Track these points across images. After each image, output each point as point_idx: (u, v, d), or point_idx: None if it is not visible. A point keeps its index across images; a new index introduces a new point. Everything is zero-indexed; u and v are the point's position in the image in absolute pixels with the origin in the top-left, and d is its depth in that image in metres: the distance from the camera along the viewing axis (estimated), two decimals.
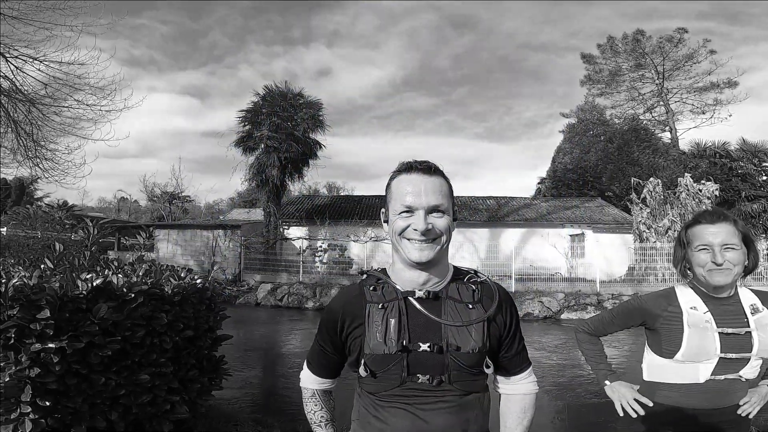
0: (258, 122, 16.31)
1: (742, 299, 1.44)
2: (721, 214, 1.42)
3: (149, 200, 31.41)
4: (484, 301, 1.06)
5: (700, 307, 1.42)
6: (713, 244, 1.37)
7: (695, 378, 1.41)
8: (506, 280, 14.37)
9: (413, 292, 1.03)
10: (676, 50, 27.22)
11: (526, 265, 17.08)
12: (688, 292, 1.47)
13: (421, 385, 1.01)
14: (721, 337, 1.38)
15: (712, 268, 1.37)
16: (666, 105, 27.81)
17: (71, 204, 27.32)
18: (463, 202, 20.84)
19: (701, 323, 1.40)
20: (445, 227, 1.02)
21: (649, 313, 1.50)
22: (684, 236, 1.48)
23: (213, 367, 3.19)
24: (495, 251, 17.10)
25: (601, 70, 29.59)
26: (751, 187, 17.58)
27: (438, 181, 1.03)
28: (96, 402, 2.20)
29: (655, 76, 28.23)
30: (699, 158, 18.84)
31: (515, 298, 13.53)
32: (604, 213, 18.80)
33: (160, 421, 2.59)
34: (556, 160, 23.96)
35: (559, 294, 13.20)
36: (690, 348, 1.40)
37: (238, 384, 4.95)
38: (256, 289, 13.86)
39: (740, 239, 1.38)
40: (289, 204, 20.39)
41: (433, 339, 1.00)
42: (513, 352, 1.12)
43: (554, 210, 19.44)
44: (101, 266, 2.92)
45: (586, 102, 28.30)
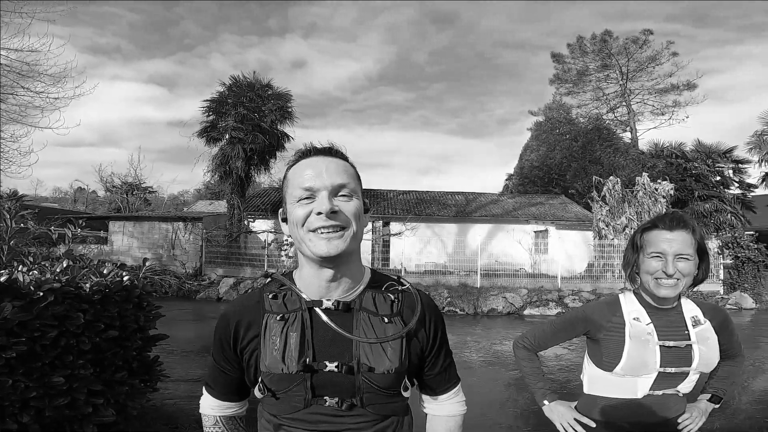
0: (223, 112, 15.88)
1: (684, 311, 1.38)
2: (680, 221, 1.33)
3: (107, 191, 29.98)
4: (405, 314, 0.92)
5: (643, 318, 1.35)
6: (667, 252, 1.29)
7: (633, 393, 1.34)
8: (473, 276, 14.58)
9: (320, 302, 0.89)
10: (641, 51, 28.19)
11: (492, 261, 17.40)
12: (633, 301, 1.41)
13: (328, 409, 0.88)
14: (662, 350, 1.31)
15: (661, 277, 1.29)
16: (628, 105, 28.87)
17: (21, 194, 25.67)
18: (432, 197, 20.96)
19: (643, 335, 1.32)
20: (355, 213, 0.87)
21: (593, 323, 1.42)
22: (638, 239, 1.39)
23: (145, 368, 3.01)
24: (462, 247, 17.31)
25: (570, 69, 30.32)
26: (704, 187, 18.51)
27: (342, 162, 0.90)
28: (4, 404, 2.10)
29: (619, 76, 29.20)
30: (657, 158, 19.69)
31: (480, 294, 13.92)
32: (567, 210, 19.35)
33: (83, 424, 2.46)
34: (524, 157, 24.47)
35: (522, 290, 13.50)
36: (630, 361, 1.32)
37: (187, 383, 4.79)
38: (218, 284, 13.49)
39: (695, 249, 1.31)
40: (256, 196, 19.94)
41: (343, 357, 0.87)
42: (438, 370, 1.00)
43: (520, 206, 19.85)
44: (17, 262, 2.70)
45: (553, 101, 28.95)
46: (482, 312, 12.64)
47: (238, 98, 15.77)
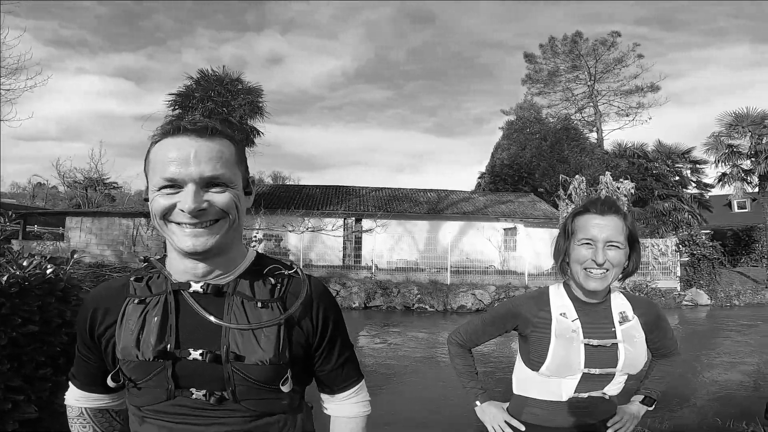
0: (189, 107, 15.46)
1: (613, 306, 1.29)
2: (611, 204, 1.24)
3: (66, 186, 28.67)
4: (288, 300, 0.84)
5: (569, 313, 1.26)
6: (597, 239, 1.19)
7: (558, 395, 1.26)
8: (443, 273, 14.70)
9: (188, 284, 0.81)
10: (608, 53, 29.10)
11: (462, 258, 17.59)
12: (562, 294, 1.31)
13: (195, 402, 0.80)
14: (587, 349, 1.22)
15: (590, 267, 1.19)
16: (595, 106, 29.77)
17: None
18: (404, 195, 21.01)
19: (568, 333, 1.23)
20: (229, 204, 0.78)
21: (520, 318, 1.32)
22: (569, 225, 1.28)
23: None
24: (433, 244, 17.43)
25: (541, 69, 31.00)
26: (663, 186, 19.31)
27: (217, 145, 0.78)
28: None
29: (587, 77, 30.05)
30: (620, 158, 20.43)
31: (450, 291, 14.05)
32: (536, 208, 19.79)
33: (3, 421, 2.32)
34: (495, 155, 24.88)
35: (491, 287, 13.70)
36: (555, 360, 1.22)
37: None
38: None
39: (626, 237, 1.22)
40: None
41: (210, 345, 0.79)
42: (332, 365, 0.92)
43: (490, 204, 20.16)
44: None
45: (525, 100, 29.53)
46: (452, 309, 12.76)
47: (206, 92, 15.47)
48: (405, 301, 13.03)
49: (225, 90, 15.73)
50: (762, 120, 15.81)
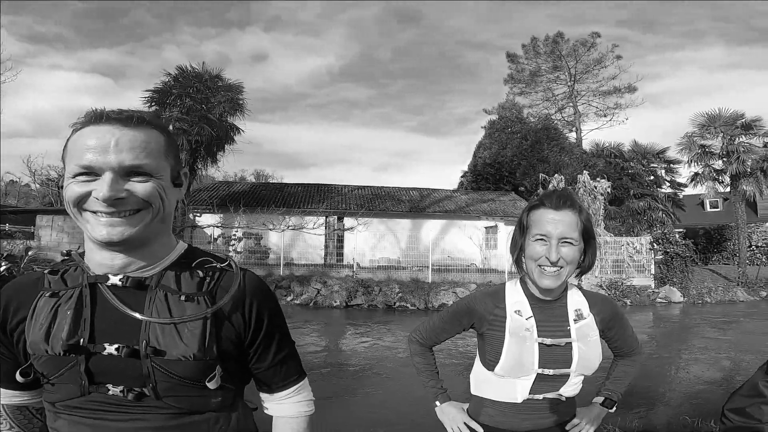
0: (167, 103, 15.22)
1: (569, 303, 1.25)
2: (566, 198, 1.19)
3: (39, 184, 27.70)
4: (218, 294, 0.82)
5: (524, 311, 1.22)
6: (551, 235, 1.15)
7: (513, 397, 1.21)
8: (424, 271, 14.75)
9: (106, 277, 0.78)
10: (588, 54, 29.64)
11: (444, 256, 17.70)
12: (518, 290, 1.26)
13: (112, 398, 0.77)
14: (541, 348, 1.18)
15: (544, 264, 1.15)
16: (574, 106, 30.31)
17: None
18: (387, 193, 21.01)
19: (521, 331, 1.19)
20: (152, 194, 0.76)
21: (476, 315, 1.28)
22: (525, 219, 1.23)
23: None
24: (415, 242, 17.48)
25: (523, 69, 31.39)
26: (638, 186, 19.81)
27: (143, 135, 0.76)
28: None
29: (567, 78, 30.56)
30: (597, 157, 20.87)
31: (431, 289, 14.12)
32: (516, 207, 20.03)
33: None
34: (477, 154, 25.07)
35: (471, 285, 13.81)
36: (509, 360, 1.18)
37: None
38: None
39: (580, 232, 1.17)
40: (203, 190, 19.17)
41: (128, 340, 0.76)
42: (269, 363, 0.89)
43: (472, 203, 20.32)
44: None
45: (507, 100, 29.80)
46: (433, 307, 12.81)
47: (185, 89, 15.19)
48: (386, 299, 13.03)
49: (204, 87, 15.48)
50: (734, 121, 16.32)
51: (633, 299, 13.54)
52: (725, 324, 10.28)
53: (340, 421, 4.19)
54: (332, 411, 4.43)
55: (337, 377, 5.87)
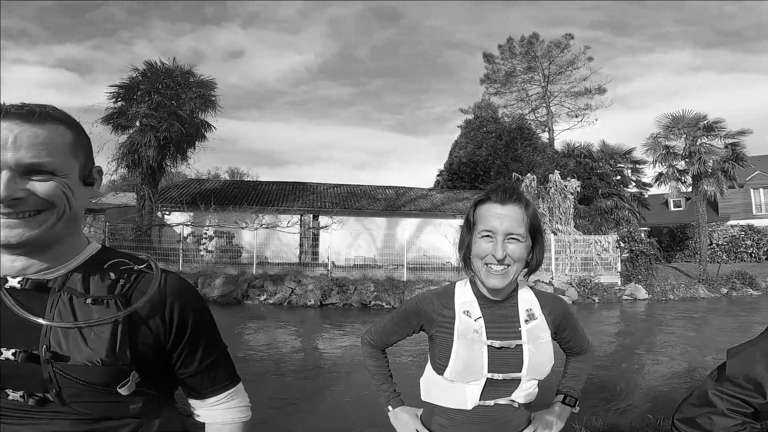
0: (134, 99, 14.87)
1: (520, 302, 1.19)
2: (512, 192, 1.14)
3: None
4: (134, 297, 0.79)
5: (473, 311, 1.16)
6: (497, 231, 1.09)
7: (463, 403, 1.15)
8: (400, 270, 14.78)
9: (5, 279, 0.74)
10: (562, 56, 30.31)
11: (419, 255, 17.78)
12: (467, 290, 1.21)
13: (12, 404, 0.74)
14: (490, 351, 1.12)
15: (490, 262, 1.10)
16: (547, 107, 31.00)
17: None
18: (363, 191, 20.95)
19: (470, 333, 1.14)
20: (54, 194, 0.72)
21: (425, 316, 1.22)
22: (471, 215, 1.17)
23: None
24: (391, 241, 17.49)
25: (499, 70, 31.85)
26: (606, 185, 20.45)
27: (46, 131, 0.72)
28: None
29: (541, 79, 31.19)
30: (568, 157, 21.42)
31: (406, 288, 14.16)
32: None
33: None
34: (453, 153, 25.32)
35: (445, 283, 13.92)
36: (458, 364, 1.13)
37: None
38: None
39: (527, 228, 1.13)
40: (172, 188, 18.64)
41: (27, 344, 0.73)
42: (195, 368, 0.86)
43: (447, 201, 20.50)
44: None
45: (483, 100, 30.23)
46: None
47: (153, 84, 14.89)
48: (361, 298, 12.99)
49: (175, 83, 15.24)
50: (696, 122, 16.96)
51: (600, 297, 13.95)
52: (688, 321, 10.68)
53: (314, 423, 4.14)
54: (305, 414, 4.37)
55: (310, 378, 5.80)
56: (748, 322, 10.34)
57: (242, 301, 12.93)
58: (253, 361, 6.67)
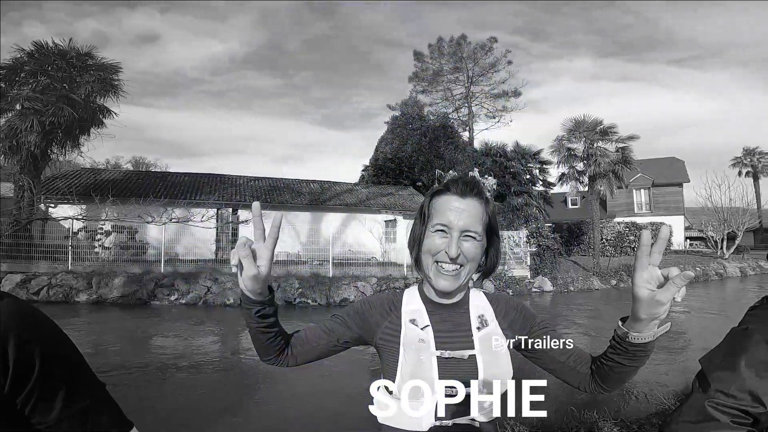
0: (16, 81, 13.30)
1: (472, 308, 1.07)
2: (473, 186, 1.04)
3: None
4: None
5: (421, 319, 1.04)
6: (453, 226, 0.98)
7: (417, 423, 0.99)
8: (325, 265, 14.50)
9: None
10: (485, 58, 31.95)
11: (345, 250, 17.65)
12: (415, 297, 1.09)
13: None
14: (440, 362, 0.99)
15: (443, 260, 0.99)
16: (469, 107, 32.57)
17: None
18: (285, 185, 20.25)
19: (415, 343, 1.01)
20: None
21: (366, 323, 1.07)
22: (427, 207, 1.06)
23: None
24: (316, 236, 17.12)
25: (427, 68, 32.72)
26: (518, 183, 22.06)
27: None
28: None
29: (465, 79, 32.64)
30: (486, 156, 22.73)
31: (332, 284, 13.94)
32: (414, 201, 20.84)
33: None
34: (379, 149, 25.52)
35: (372, 278, 13.97)
36: (405, 378, 1.00)
37: None
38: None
39: (484, 227, 1.03)
40: (59, 178, 16.35)
41: None
42: (57, 415, 0.67)
43: (373, 196, 20.60)
44: None
45: (410, 97, 30.89)
46: (334, 302, 12.69)
47: (41, 66, 13.38)
48: (286, 295, 12.58)
49: (68, 65, 13.75)
50: (594, 127, 18.95)
51: (514, 289, 15.03)
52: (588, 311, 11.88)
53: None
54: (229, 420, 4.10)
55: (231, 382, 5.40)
56: None
57: (148, 301, 11.94)
58: (166, 367, 6.12)
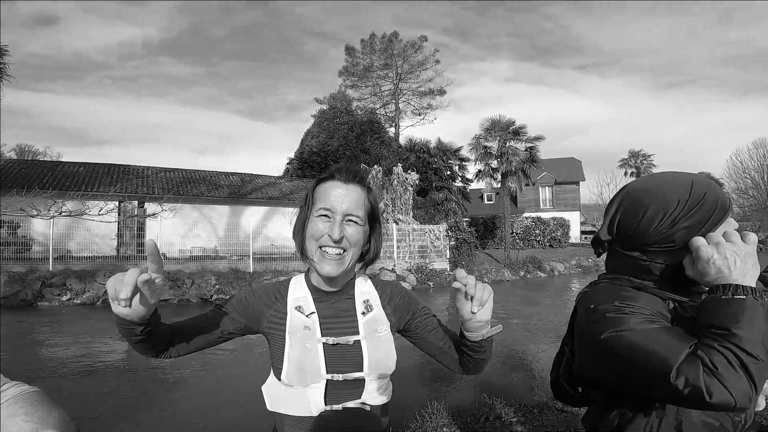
0: None
1: (357, 294, 1.09)
2: (357, 173, 1.05)
3: None
4: None
5: (306, 306, 1.05)
6: (336, 210, 1.00)
7: (307, 409, 1.02)
8: (245, 260, 13.86)
9: None
10: (415, 56, 32.63)
11: (267, 245, 17.04)
12: (301, 284, 1.09)
13: None
14: (326, 349, 1.02)
15: (326, 244, 0.99)
16: (396, 104, 33.19)
17: None
18: (201, 177, 18.98)
19: (300, 330, 1.02)
20: None
21: (250, 313, 1.06)
22: (311, 195, 1.06)
23: None
24: (235, 230, 16.28)
25: (358, 63, 32.62)
26: (440, 179, 23.08)
27: None
28: None
29: (394, 76, 33.12)
30: (410, 152, 23.39)
31: (252, 280, 13.36)
32: None
33: None
34: (305, 142, 24.96)
35: (295, 273, 13.48)
36: (292, 365, 1.01)
37: None
38: None
39: (367, 213, 1.05)
40: None
41: None
42: None
43: (297, 190, 20.13)
44: None
45: (339, 91, 30.59)
46: None
47: None
48: (201, 292, 11.82)
49: None
50: (507, 127, 20.37)
51: (434, 282, 15.68)
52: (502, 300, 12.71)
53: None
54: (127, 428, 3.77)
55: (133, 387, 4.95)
56: (541, 299, 12.89)
57: (34, 302, 10.63)
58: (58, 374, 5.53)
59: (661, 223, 0.84)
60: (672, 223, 0.84)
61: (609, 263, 0.97)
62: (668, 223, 0.84)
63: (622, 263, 0.93)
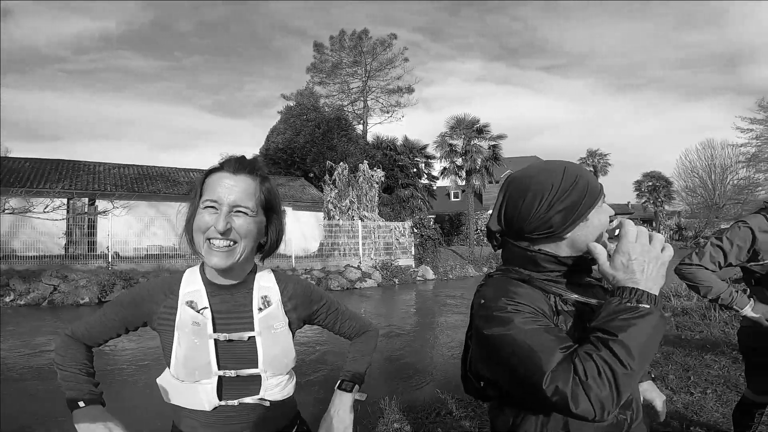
0: None
1: (256, 289, 1.06)
2: (247, 164, 1.02)
3: None
4: None
5: (199, 301, 1.02)
6: (222, 201, 0.97)
7: (200, 404, 1.02)
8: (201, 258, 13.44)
9: None
10: (384, 54, 32.53)
11: None
12: (195, 278, 1.06)
13: None
14: (218, 345, 1.01)
15: (213, 236, 0.96)
16: (365, 101, 33.01)
17: None
18: (159, 173, 18.26)
19: (188, 326, 1.00)
20: None
21: (144, 307, 1.04)
22: (199, 186, 1.02)
23: None
24: None
25: (327, 60, 32.22)
26: (406, 176, 23.18)
27: None
28: None
29: (363, 73, 32.91)
30: (377, 149, 23.36)
31: None
32: (305, 192, 20.50)
33: None
34: (270, 139, 24.42)
35: None
36: (179, 362, 1.00)
37: None
38: None
39: (259, 204, 1.02)
40: None
41: None
42: None
43: None
44: None
45: (306, 88, 30.16)
46: None
47: None
48: None
49: None
50: (472, 125, 20.76)
51: (400, 278, 15.74)
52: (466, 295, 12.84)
53: None
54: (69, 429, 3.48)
55: None
56: None
57: None
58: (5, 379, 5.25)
59: (539, 207, 0.85)
60: (548, 206, 0.84)
61: (503, 255, 0.98)
62: (545, 207, 0.84)
63: (513, 254, 0.93)
